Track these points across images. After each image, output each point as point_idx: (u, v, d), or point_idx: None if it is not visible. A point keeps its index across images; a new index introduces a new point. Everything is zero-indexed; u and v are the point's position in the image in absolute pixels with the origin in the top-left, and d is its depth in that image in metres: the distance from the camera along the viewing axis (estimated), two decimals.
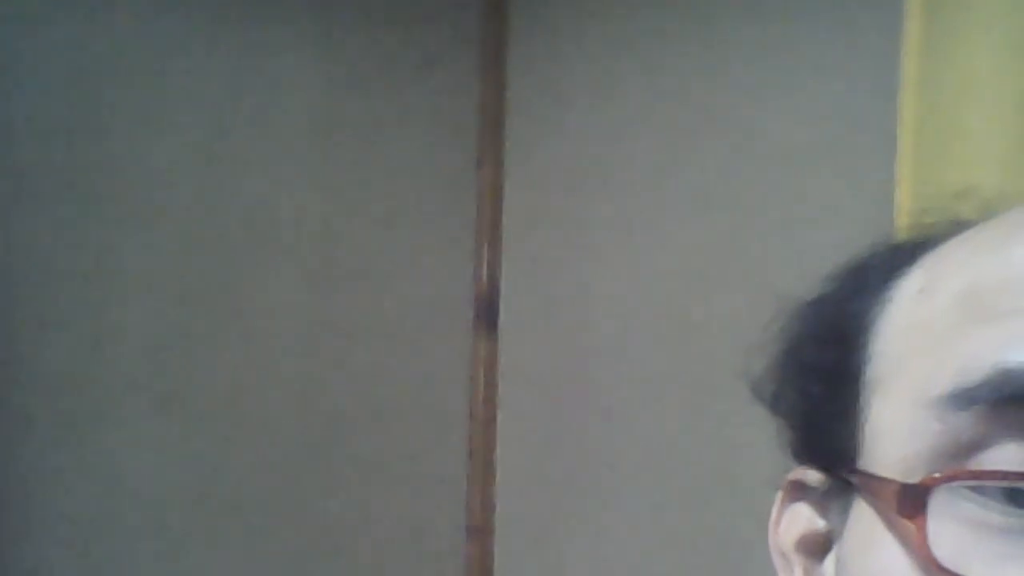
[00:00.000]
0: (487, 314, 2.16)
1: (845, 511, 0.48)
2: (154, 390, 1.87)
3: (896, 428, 0.46)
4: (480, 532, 2.14)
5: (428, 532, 2.12)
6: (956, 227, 0.50)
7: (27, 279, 1.77)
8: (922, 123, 1.37)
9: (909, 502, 0.43)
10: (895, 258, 0.51)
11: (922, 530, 0.42)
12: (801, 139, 1.80)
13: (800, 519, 0.52)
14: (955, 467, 0.43)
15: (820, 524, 0.51)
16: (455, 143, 2.17)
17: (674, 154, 1.96)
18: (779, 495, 0.54)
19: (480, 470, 2.15)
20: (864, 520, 0.46)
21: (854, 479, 0.47)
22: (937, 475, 0.43)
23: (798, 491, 0.52)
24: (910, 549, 0.43)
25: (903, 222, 1.37)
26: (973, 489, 0.42)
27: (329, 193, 2.04)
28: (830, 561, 0.50)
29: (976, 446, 0.43)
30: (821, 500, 0.51)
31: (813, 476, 0.51)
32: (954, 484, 0.43)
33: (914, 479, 0.44)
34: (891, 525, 0.44)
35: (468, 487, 2.15)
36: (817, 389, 0.51)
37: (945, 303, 0.46)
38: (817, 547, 0.51)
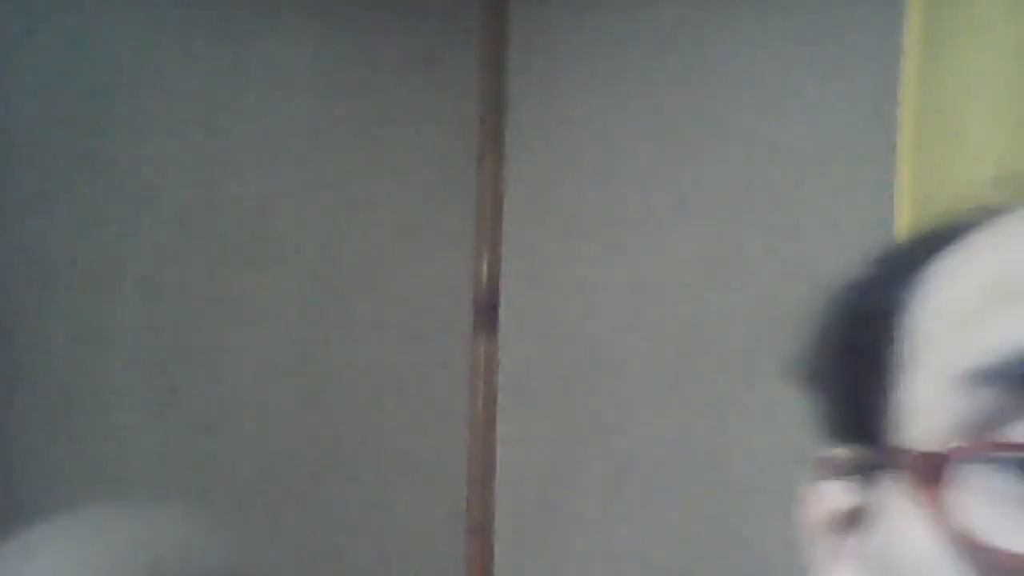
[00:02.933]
0: (487, 314, 2.16)
1: (875, 487, 0.50)
2: (154, 391, 1.87)
3: (924, 404, 0.47)
4: (480, 532, 2.14)
5: (428, 532, 2.12)
6: (991, 213, 0.52)
7: (27, 279, 1.77)
8: (922, 123, 1.37)
9: (932, 473, 0.45)
10: (932, 242, 0.53)
11: (944, 500, 0.44)
12: (801, 139, 1.80)
13: (831, 495, 0.53)
14: (978, 440, 0.44)
15: (851, 500, 0.52)
16: (455, 143, 2.17)
17: (674, 154, 1.96)
18: (811, 472, 0.55)
19: (480, 470, 2.15)
20: (891, 495, 0.48)
21: (884, 455, 0.49)
22: (959, 446, 0.44)
23: (830, 468, 0.54)
24: (932, 519, 0.44)
25: (903, 222, 1.37)
26: (997, 463, 0.44)
27: (329, 193, 2.04)
28: (859, 537, 0.51)
29: (1000, 421, 0.44)
30: (852, 477, 0.52)
31: (845, 453, 0.53)
32: (976, 456, 0.44)
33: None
34: (915, 497, 0.46)
35: (468, 487, 2.15)
36: (852, 368, 0.52)
37: (975, 285, 0.48)
38: (848, 523, 0.52)
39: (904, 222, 1.37)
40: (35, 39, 1.78)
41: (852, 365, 0.53)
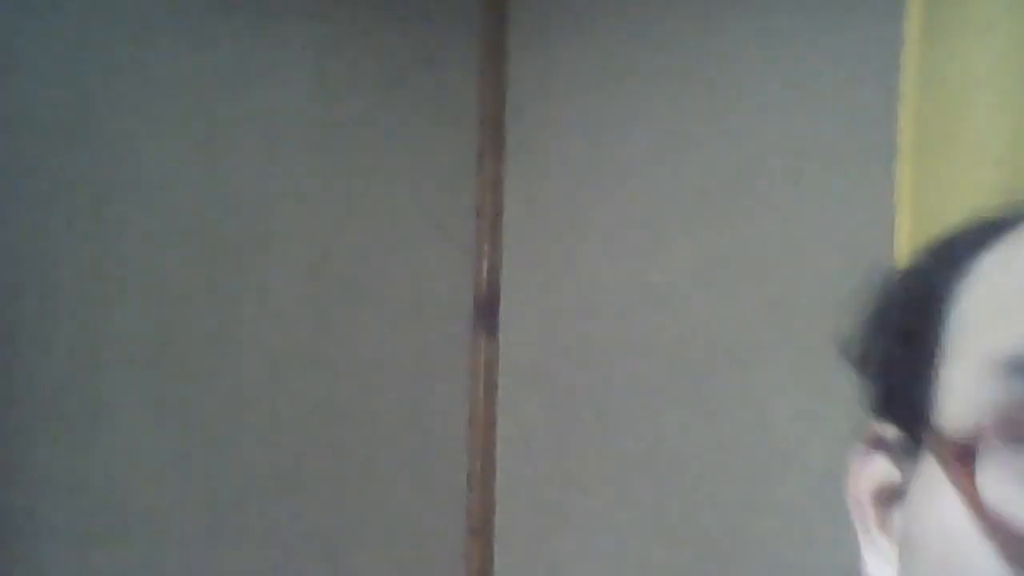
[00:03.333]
0: (487, 314, 2.16)
1: (916, 464, 0.52)
2: (154, 391, 1.87)
3: (963, 389, 0.50)
4: (480, 532, 2.14)
5: (429, 532, 2.12)
6: None
7: (27, 279, 1.77)
8: (922, 123, 1.37)
9: (964, 452, 0.47)
10: (982, 233, 0.54)
11: (974, 478, 0.46)
12: (801, 139, 1.80)
13: (877, 470, 0.56)
14: (1010, 425, 0.46)
15: (894, 475, 0.54)
16: (455, 143, 2.17)
17: (674, 153, 1.96)
18: (860, 446, 0.57)
19: (480, 470, 2.15)
20: (929, 472, 0.50)
21: (924, 434, 0.51)
22: (992, 429, 0.47)
23: (877, 444, 0.56)
24: (964, 496, 0.47)
25: (903, 222, 1.37)
26: None
27: (329, 193, 2.04)
28: (901, 510, 0.54)
29: None
30: (897, 454, 0.54)
31: (891, 431, 0.55)
32: (1008, 440, 0.46)
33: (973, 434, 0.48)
34: (949, 475, 0.48)
35: (468, 487, 2.15)
36: (900, 352, 0.55)
37: (1019, 277, 0.50)
38: (891, 497, 0.55)
39: (904, 222, 1.37)
40: (35, 39, 1.78)
41: (900, 348, 0.55)
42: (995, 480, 0.46)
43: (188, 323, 1.90)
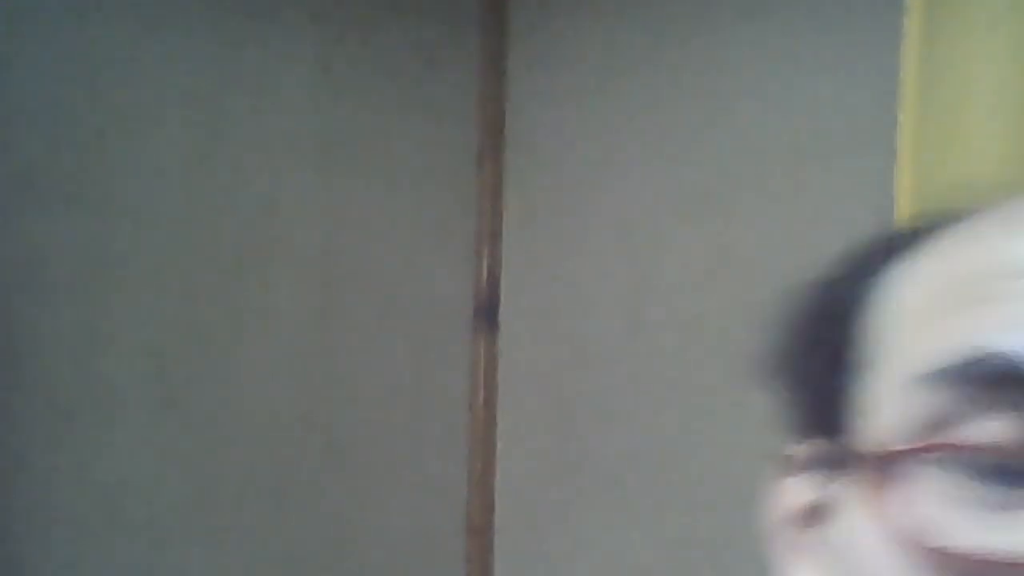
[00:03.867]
0: (487, 314, 2.16)
1: (835, 483, 0.50)
2: (154, 390, 1.87)
3: (883, 403, 0.48)
4: (480, 532, 2.14)
5: (428, 532, 2.12)
6: (953, 217, 0.52)
7: (27, 279, 1.77)
8: (922, 123, 1.37)
9: (884, 471, 0.45)
10: (895, 245, 0.53)
11: (894, 497, 0.45)
12: (801, 139, 1.80)
13: (797, 492, 0.54)
14: (931, 441, 0.45)
15: (815, 496, 0.53)
16: (455, 143, 2.17)
17: (674, 154, 1.96)
18: (778, 469, 0.56)
19: (480, 470, 2.15)
20: (850, 491, 0.48)
21: (842, 452, 0.49)
22: (909, 446, 0.45)
23: (796, 465, 0.55)
24: (885, 516, 0.45)
25: (903, 221, 1.37)
26: (949, 462, 0.44)
27: (329, 193, 2.04)
28: (820, 532, 0.52)
29: (952, 422, 0.45)
30: (816, 474, 0.53)
31: (810, 450, 0.53)
32: (927, 456, 0.45)
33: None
34: (869, 494, 0.46)
35: (468, 487, 2.15)
36: (817, 367, 0.53)
37: (933, 288, 0.49)
38: (812, 518, 0.53)
39: (904, 221, 1.37)
40: (36, 40, 1.78)
41: (816, 363, 0.53)
42: (916, 499, 0.45)
43: (189, 324, 1.90)
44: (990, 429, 0.44)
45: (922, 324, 0.48)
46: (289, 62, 2.01)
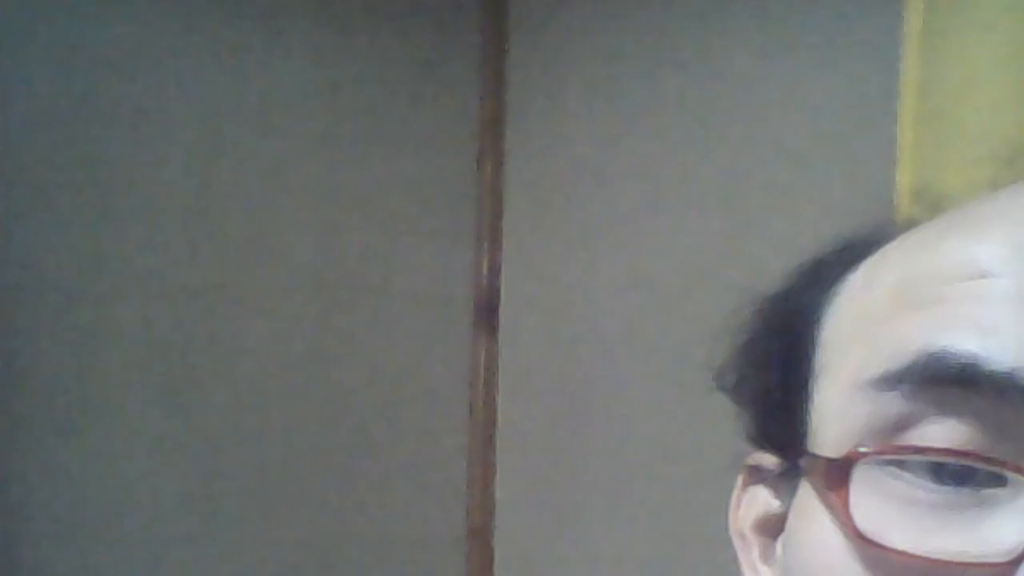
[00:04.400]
0: (487, 314, 2.16)
1: (795, 492, 0.51)
2: (154, 390, 1.87)
3: (835, 410, 0.49)
4: (480, 532, 2.14)
5: (429, 533, 2.12)
6: (904, 226, 0.53)
7: (27, 279, 1.77)
8: (922, 123, 1.37)
9: (835, 476, 0.46)
10: (846, 254, 0.54)
11: (846, 501, 0.45)
12: (801, 139, 1.80)
13: (757, 501, 0.55)
14: (881, 445, 0.45)
15: (775, 505, 0.53)
16: (455, 143, 2.17)
17: (674, 154, 1.96)
18: (739, 479, 0.57)
19: (480, 470, 2.15)
20: (806, 498, 0.49)
21: (800, 460, 0.50)
22: (860, 449, 0.46)
23: (756, 475, 0.55)
24: (837, 521, 0.46)
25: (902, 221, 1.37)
26: (900, 465, 0.45)
27: (329, 193, 2.04)
28: (781, 540, 0.53)
29: (903, 425, 0.45)
30: (776, 483, 0.53)
31: (769, 460, 0.54)
32: (878, 459, 0.45)
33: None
34: (823, 499, 0.47)
35: (468, 487, 2.15)
36: (772, 377, 0.54)
37: (882, 294, 0.49)
38: (772, 527, 0.54)
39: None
40: (36, 40, 1.78)
41: (772, 373, 0.54)
42: (868, 502, 0.45)
43: (188, 324, 1.90)
44: (942, 430, 0.44)
45: (874, 329, 0.48)
46: (289, 64, 2.01)
